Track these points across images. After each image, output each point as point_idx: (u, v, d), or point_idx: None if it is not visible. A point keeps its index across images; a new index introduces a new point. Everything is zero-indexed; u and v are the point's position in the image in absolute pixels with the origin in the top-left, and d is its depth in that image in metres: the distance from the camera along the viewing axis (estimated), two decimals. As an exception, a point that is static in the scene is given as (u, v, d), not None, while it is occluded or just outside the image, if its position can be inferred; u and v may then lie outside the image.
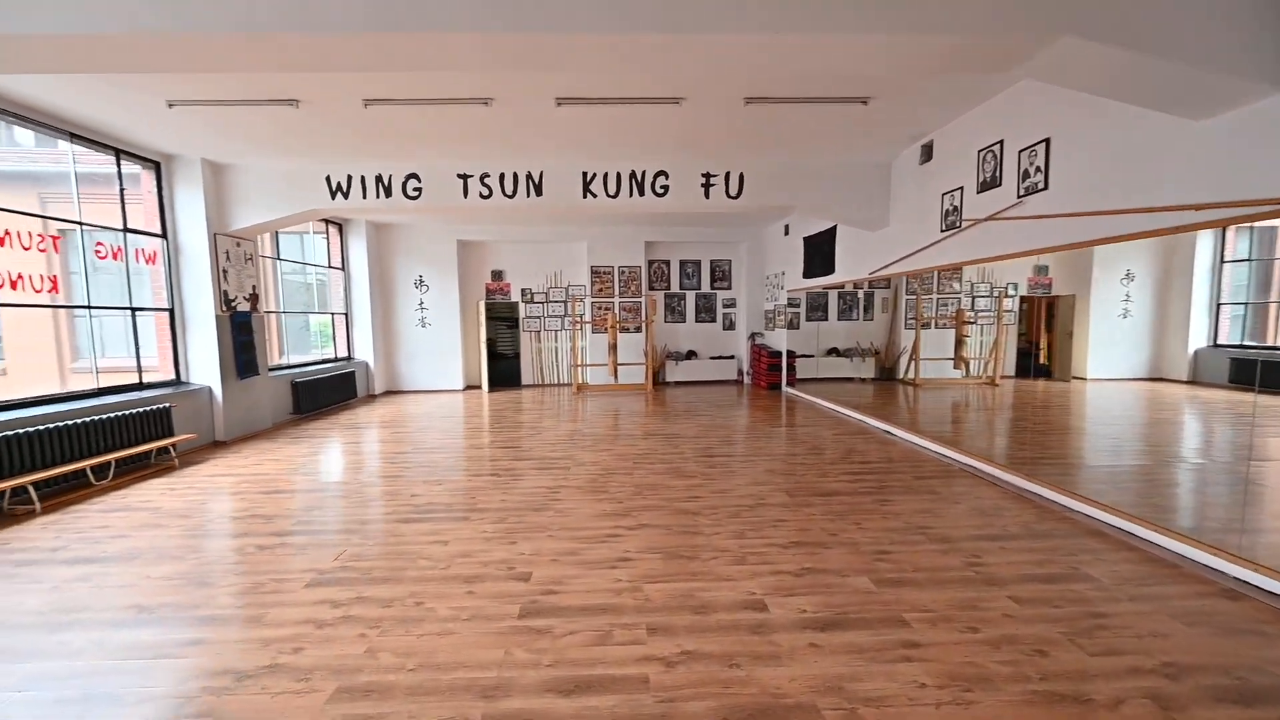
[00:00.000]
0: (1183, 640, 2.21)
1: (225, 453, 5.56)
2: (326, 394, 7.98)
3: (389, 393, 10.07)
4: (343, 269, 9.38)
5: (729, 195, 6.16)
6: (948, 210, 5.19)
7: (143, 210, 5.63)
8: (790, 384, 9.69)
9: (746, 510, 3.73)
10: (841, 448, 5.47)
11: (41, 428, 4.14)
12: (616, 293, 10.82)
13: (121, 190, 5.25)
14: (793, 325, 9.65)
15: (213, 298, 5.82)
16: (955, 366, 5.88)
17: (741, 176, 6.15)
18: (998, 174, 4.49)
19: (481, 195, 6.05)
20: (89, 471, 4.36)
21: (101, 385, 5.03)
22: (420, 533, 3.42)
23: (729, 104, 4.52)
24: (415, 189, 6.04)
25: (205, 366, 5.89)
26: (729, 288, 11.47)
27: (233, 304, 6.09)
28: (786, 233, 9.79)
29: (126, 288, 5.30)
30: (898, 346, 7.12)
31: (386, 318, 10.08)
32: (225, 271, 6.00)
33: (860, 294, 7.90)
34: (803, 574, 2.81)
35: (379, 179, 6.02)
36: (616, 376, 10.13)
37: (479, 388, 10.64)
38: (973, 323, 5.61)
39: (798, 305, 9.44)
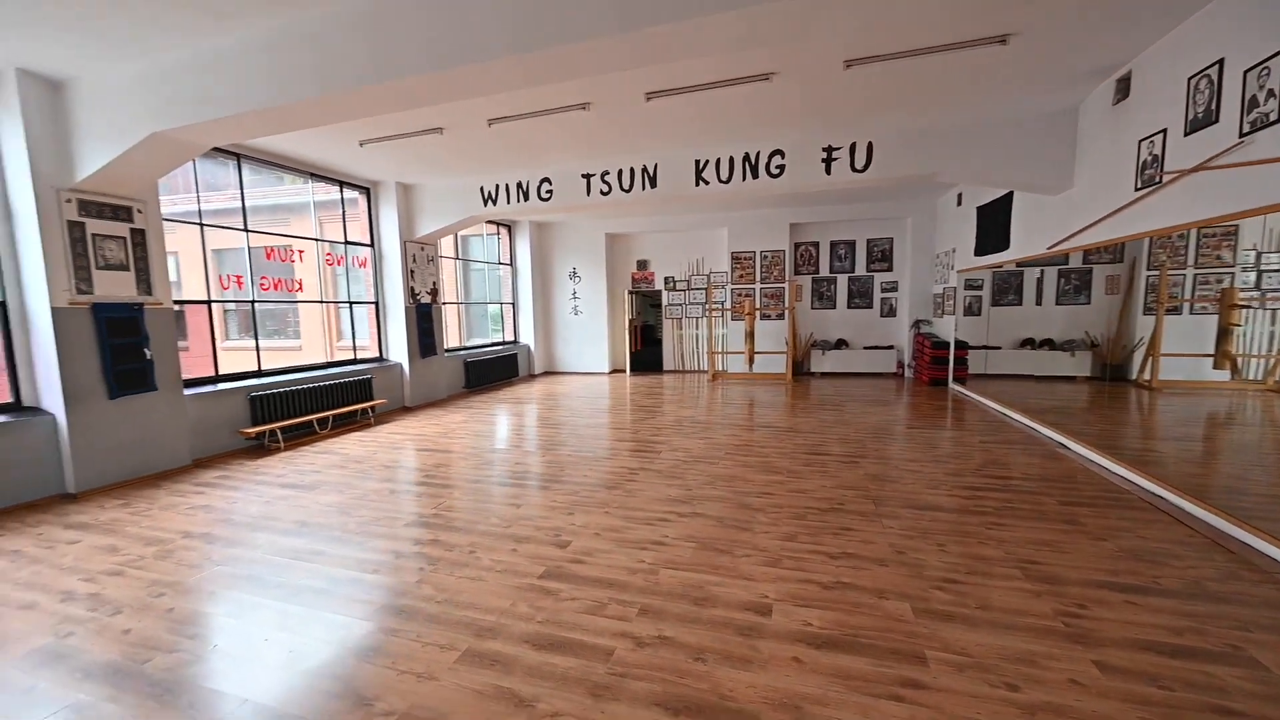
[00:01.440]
0: (1364, 776, 1.52)
1: (408, 416, 7.01)
2: (491, 372, 9.39)
3: (547, 373, 11.36)
4: (510, 264, 10.84)
5: (855, 169, 5.57)
6: (1145, 162, 3.98)
7: (360, 226, 7.31)
8: (961, 379, 8.34)
9: (815, 513, 3.48)
10: (982, 458, 4.65)
11: (291, 389, 5.78)
12: (758, 278, 10.50)
13: (344, 212, 6.92)
14: (970, 311, 8.23)
15: (402, 292, 7.32)
16: (1217, 365, 4.45)
17: (870, 146, 5.49)
18: (1213, 106, 3.30)
19: (601, 192, 6.47)
20: (315, 423, 5.95)
21: (329, 359, 6.76)
22: (505, 495, 3.95)
23: (825, 72, 4.11)
24: (547, 191, 6.73)
25: (398, 347, 7.46)
26: (889, 269, 10.27)
27: (417, 297, 7.57)
28: (959, 202, 8.39)
29: (346, 285, 6.99)
30: (1130, 337, 5.64)
31: (545, 306, 11.36)
32: (412, 271, 7.48)
33: (1060, 271, 6.40)
34: (833, 587, 2.57)
35: (519, 185, 6.85)
36: (751, 365, 9.90)
37: (624, 371, 11.36)
38: (1250, 306, 4.20)
39: (979, 286, 8.00)
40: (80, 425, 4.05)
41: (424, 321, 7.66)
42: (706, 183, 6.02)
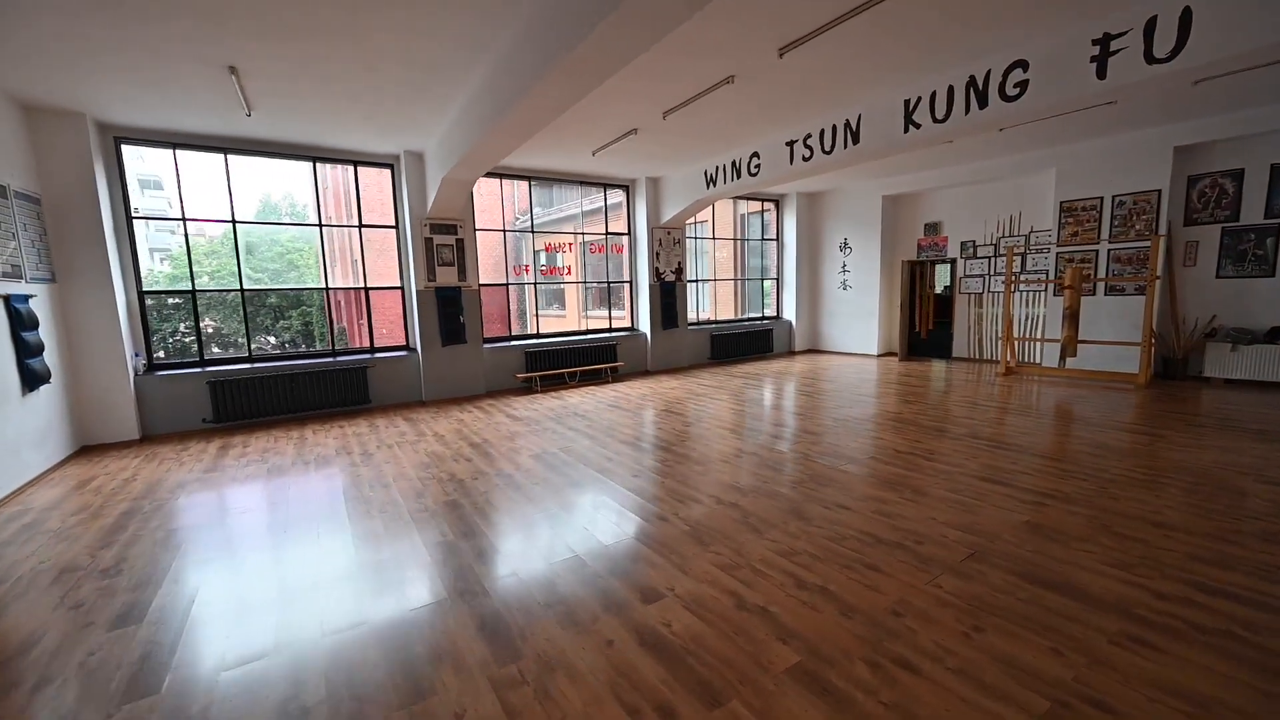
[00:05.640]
0: None
1: (644, 379, 8.24)
2: (739, 346, 9.83)
3: (809, 350, 10.96)
4: (776, 240, 10.82)
5: (1153, 59, 3.50)
6: None
7: (622, 218, 8.86)
8: None
9: (920, 540, 2.83)
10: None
11: (552, 349, 7.78)
12: (1104, 235, 7.41)
13: (605, 209, 8.54)
14: None
15: (647, 272, 8.55)
16: None
17: (1186, 13, 3.36)
18: None
19: (804, 158, 5.98)
20: (566, 375, 7.82)
21: (588, 327, 8.60)
22: (654, 455, 4.56)
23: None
24: (756, 165, 6.64)
25: (644, 319, 8.78)
26: None
27: (661, 276, 8.68)
28: None
29: (605, 268, 8.67)
30: None
31: (812, 281, 10.88)
32: (658, 253, 8.61)
33: None
34: (807, 587, 2.31)
35: (732, 164, 6.97)
36: (1064, 358, 7.18)
37: (895, 355, 9.91)
38: None
39: None
40: (428, 360, 6.75)
41: (667, 297, 8.73)
42: (917, 126, 4.85)
